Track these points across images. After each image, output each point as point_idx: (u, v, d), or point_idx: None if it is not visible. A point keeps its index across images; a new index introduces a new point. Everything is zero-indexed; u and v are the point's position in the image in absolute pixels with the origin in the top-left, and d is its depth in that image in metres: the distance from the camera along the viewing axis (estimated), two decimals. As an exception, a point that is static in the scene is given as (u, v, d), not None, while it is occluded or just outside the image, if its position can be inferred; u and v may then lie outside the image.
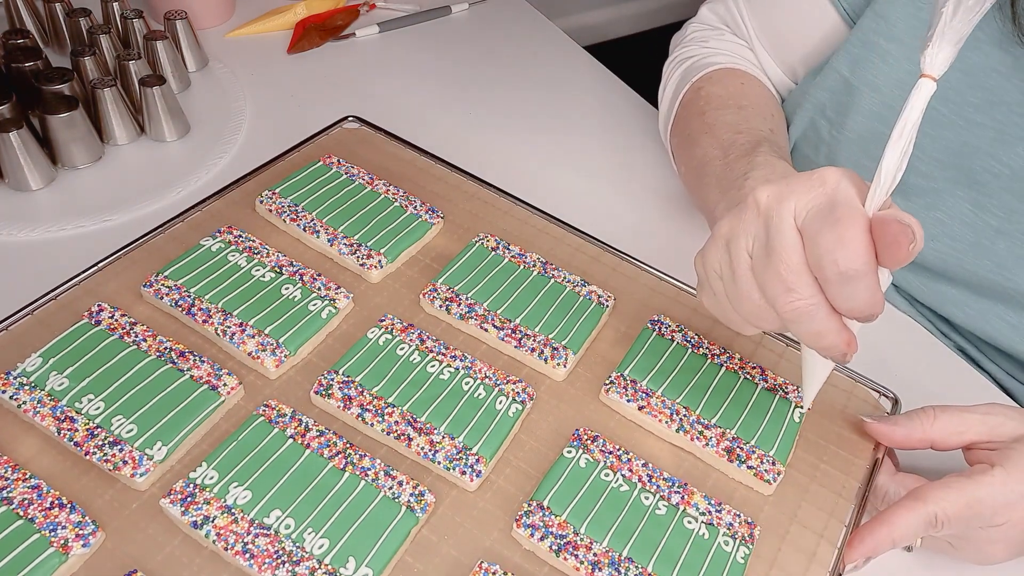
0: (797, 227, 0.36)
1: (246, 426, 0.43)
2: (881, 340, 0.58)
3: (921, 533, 0.41)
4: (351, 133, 0.63)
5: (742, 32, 0.64)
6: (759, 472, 0.44)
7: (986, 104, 0.49)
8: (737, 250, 0.38)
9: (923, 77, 0.34)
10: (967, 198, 0.52)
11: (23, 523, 0.38)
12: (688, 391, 0.48)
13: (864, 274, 0.34)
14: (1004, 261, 0.53)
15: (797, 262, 0.35)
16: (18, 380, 0.43)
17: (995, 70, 0.48)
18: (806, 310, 0.36)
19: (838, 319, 0.36)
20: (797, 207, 0.36)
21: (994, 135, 0.50)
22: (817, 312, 0.36)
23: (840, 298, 0.35)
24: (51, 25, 0.73)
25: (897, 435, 0.45)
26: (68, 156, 0.62)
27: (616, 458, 0.44)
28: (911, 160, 0.53)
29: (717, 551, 0.41)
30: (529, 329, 0.50)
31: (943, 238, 0.54)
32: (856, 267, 0.34)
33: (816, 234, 0.35)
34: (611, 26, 1.18)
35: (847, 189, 0.35)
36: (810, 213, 0.35)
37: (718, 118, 0.57)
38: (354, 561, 0.38)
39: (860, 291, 0.34)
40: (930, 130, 0.52)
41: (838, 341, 0.37)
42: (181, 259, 0.50)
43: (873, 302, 0.35)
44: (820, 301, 0.36)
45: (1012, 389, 0.58)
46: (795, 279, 0.35)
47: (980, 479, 0.40)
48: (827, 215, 0.34)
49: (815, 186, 0.36)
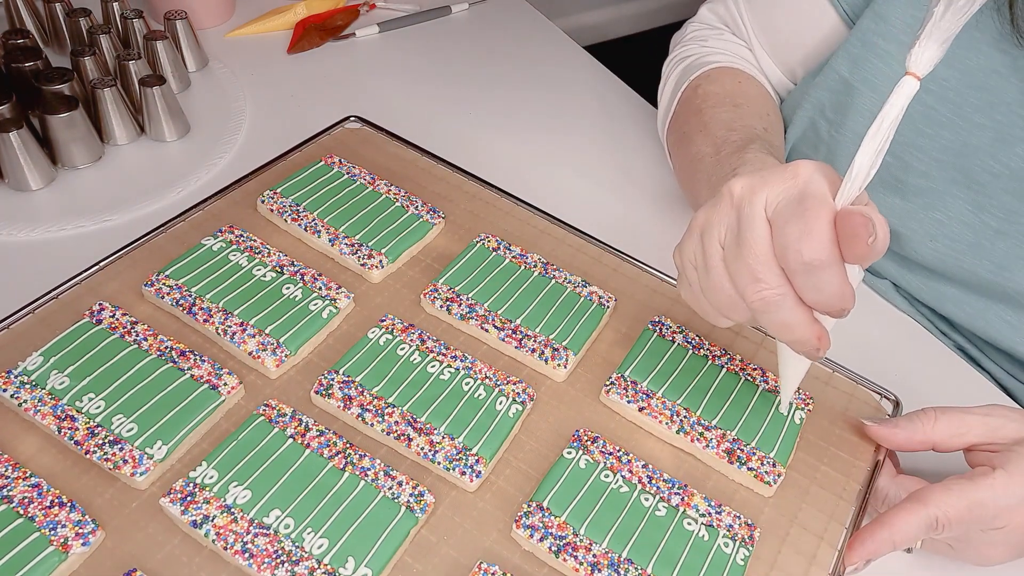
0: (767, 218, 0.36)
1: (246, 426, 0.43)
2: (881, 339, 0.59)
3: (922, 536, 0.41)
4: (353, 133, 0.63)
5: (741, 32, 0.64)
6: (759, 474, 0.44)
7: (986, 105, 0.49)
8: (710, 241, 0.38)
9: (907, 75, 0.34)
10: (967, 199, 0.52)
11: (23, 521, 0.38)
12: (689, 392, 0.48)
13: (827, 265, 0.34)
14: (1004, 261, 0.53)
15: (765, 252, 0.36)
16: (19, 379, 0.43)
17: (995, 71, 0.48)
18: (773, 300, 0.36)
19: (807, 312, 0.36)
20: (769, 198, 0.36)
21: (994, 135, 0.50)
22: (784, 302, 0.36)
23: (806, 289, 0.35)
24: (51, 25, 0.72)
25: (898, 438, 0.45)
26: (68, 156, 0.62)
27: (616, 459, 0.44)
28: (910, 160, 0.53)
29: (717, 553, 0.41)
30: (530, 330, 0.50)
31: (942, 238, 0.54)
32: (819, 257, 0.34)
33: (783, 224, 0.35)
34: (611, 26, 1.18)
35: (818, 182, 0.35)
36: (780, 204, 0.36)
37: (713, 116, 0.57)
38: (353, 561, 0.38)
39: (826, 282, 0.35)
40: (929, 130, 0.52)
41: (808, 335, 0.37)
42: (182, 258, 0.51)
43: (841, 295, 0.35)
44: (787, 292, 0.36)
45: (1012, 388, 0.58)
46: (762, 269, 0.36)
47: (981, 482, 0.40)
48: (796, 206, 0.35)
49: (788, 178, 0.36)
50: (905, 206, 0.55)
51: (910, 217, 0.55)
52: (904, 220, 0.56)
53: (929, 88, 0.50)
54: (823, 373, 0.51)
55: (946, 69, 0.50)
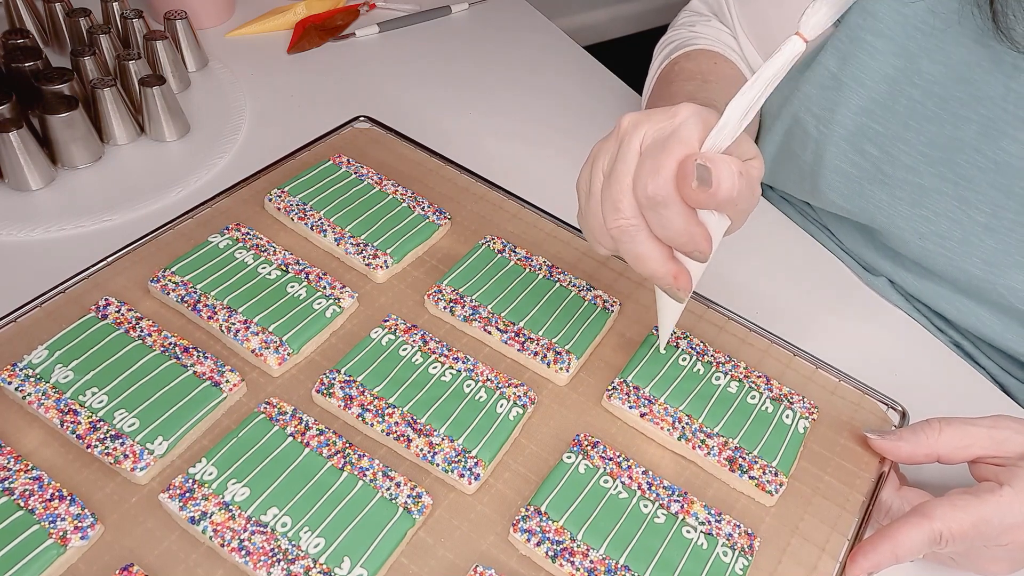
0: (640, 152, 0.38)
1: (246, 423, 0.43)
2: (878, 338, 0.58)
3: (926, 550, 0.40)
4: (361, 133, 0.63)
5: (727, 20, 0.65)
6: (761, 483, 0.44)
7: (971, 99, 0.49)
8: (596, 169, 0.40)
9: (795, 35, 0.35)
10: (953, 194, 0.52)
11: (23, 514, 0.38)
12: (691, 399, 0.47)
13: (668, 203, 0.36)
14: (992, 258, 0.53)
15: (627, 183, 0.37)
16: (24, 372, 0.44)
17: (979, 65, 0.49)
18: (627, 230, 0.37)
19: (663, 248, 0.38)
20: (646, 134, 0.37)
21: (979, 129, 0.50)
22: (638, 234, 0.37)
23: (654, 224, 0.37)
24: (51, 25, 0.73)
25: (903, 451, 0.44)
26: (68, 156, 0.62)
27: (616, 465, 0.44)
28: (897, 154, 0.53)
29: (715, 562, 0.41)
30: (533, 332, 0.50)
31: (931, 236, 0.55)
32: (660, 194, 0.36)
33: (644, 160, 0.37)
34: (611, 26, 1.18)
35: (690, 125, 0.36)
36: (652, 140, 0.37)
37: (681, 88, 0.58)
38: (349, 561, 0.38)
39: (668, 219, 0.36)
40: (915, 124, 0.52)
41: (662, 270, 0.38)
42: (188, 255, 0.51)
43: (686, 233, 0.36)
44: (641, 224, 0.37)
45: (1008, 385, 0.58)
46: (622, 199, 0.37)
47: (988, 498, 0.40)
48: (660, 144, 0.36)
49: (667, 117, 0.37)
50: (892, 203, 0.55)
51: (897, 214, 0.55)
52: (892, 217, 0.56)
53: (915, 82, 0.51)
54: (829, 382, 0.51)
55: (931, 64, 0.50)
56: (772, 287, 0.61)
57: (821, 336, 0.57)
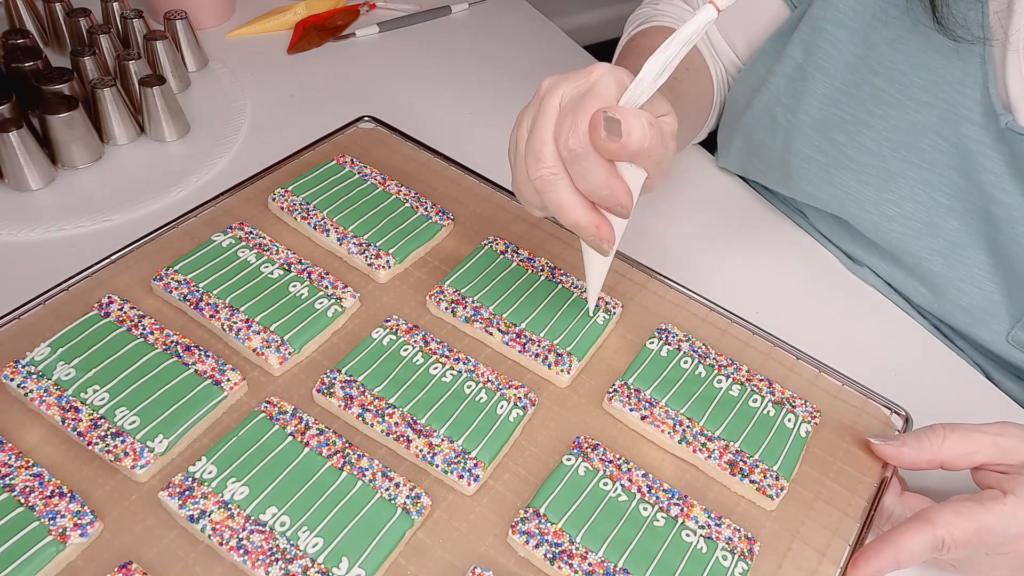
0: (559, 108, 0.40)
1: (247, 422, 0.43)
2: (882, 340, 0.58)
3: (927, 556, 0.40)
4: (366, 133, 0.63)
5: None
6: (762, 487, 0.44)
7: (930, 84, 0.51)
8: (520, 129, 0.42)
9: (708, 3, 0.37)
10: (917, 177, 0.54)
11: (23, 510, 0.39)
12: (692, 402, 0.47)
13: (586, 155, 0.38)
14: (956, 238, 0.54)
15: (547, 135, 0.39)
16: (26, 369, 0.44)
17: (936, 51, 0.50)
18: (549, 179, 0.39)
19: (584, 200, 0.40)
20: (565, 92, 0.40)
21: (940, 113, 0.51)
22: (559, 181, 0.39)
23: (577, 177, 0.39)
24: (51, 25, 0.73)
25: (906, 457, 0.44)
26: (68, 156, 0.62)
27: (616, 467, 0.44)
28: (862, 140, 0.55)
29: (715, 566, 0.40)
30: (534, 334, 0.50)
31: (898, 218, 0.56)
32: (578, 147, 0.38)
33: (563, 115, 0.39)
34: (611, 26, 1.18)
35: (605, 83, 0.39)
36: (570, 98, 0.39)
37: (634, 63, 0.60)
38: (347, 561, 0.38)
39: (587, 171, 0.38)
40: (878, 110, 0.53)
41: (584, 220, 0.40)
42: (191, 254, 0.51)
43: (608, 186, 0.39)
44: (561, 173, 0.39)
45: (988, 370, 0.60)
46: (543, 149, 0.39)
47: (992, 506, 0.39)
48: (577, 100, 0.39)
49: (583, 76, 0.40)
50: (860, 188, 0.56)
51: (866, 199, 0.56)
52: (861, 203, 0.57)
53: (876, 70, 0.52)
54: (832, 386, 0.51)
55: (891, 51, 0.51)
56: (762, 281, 0.61)
57: (821, 335, 0.56)
